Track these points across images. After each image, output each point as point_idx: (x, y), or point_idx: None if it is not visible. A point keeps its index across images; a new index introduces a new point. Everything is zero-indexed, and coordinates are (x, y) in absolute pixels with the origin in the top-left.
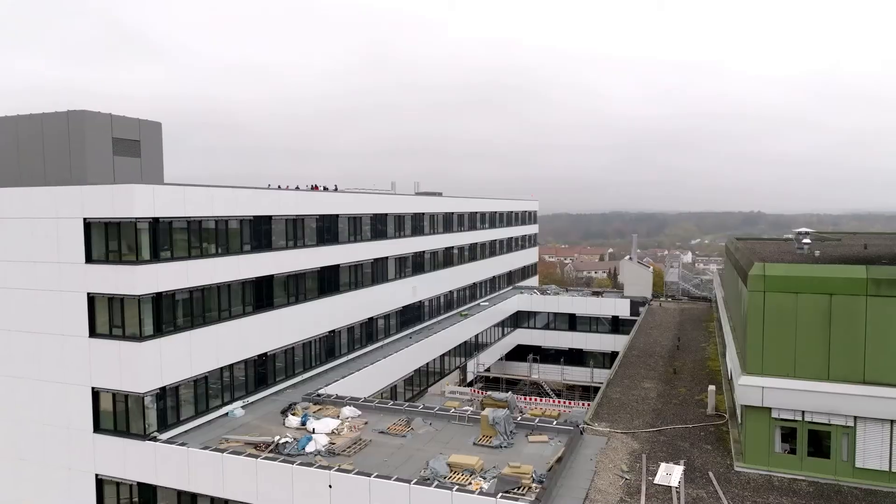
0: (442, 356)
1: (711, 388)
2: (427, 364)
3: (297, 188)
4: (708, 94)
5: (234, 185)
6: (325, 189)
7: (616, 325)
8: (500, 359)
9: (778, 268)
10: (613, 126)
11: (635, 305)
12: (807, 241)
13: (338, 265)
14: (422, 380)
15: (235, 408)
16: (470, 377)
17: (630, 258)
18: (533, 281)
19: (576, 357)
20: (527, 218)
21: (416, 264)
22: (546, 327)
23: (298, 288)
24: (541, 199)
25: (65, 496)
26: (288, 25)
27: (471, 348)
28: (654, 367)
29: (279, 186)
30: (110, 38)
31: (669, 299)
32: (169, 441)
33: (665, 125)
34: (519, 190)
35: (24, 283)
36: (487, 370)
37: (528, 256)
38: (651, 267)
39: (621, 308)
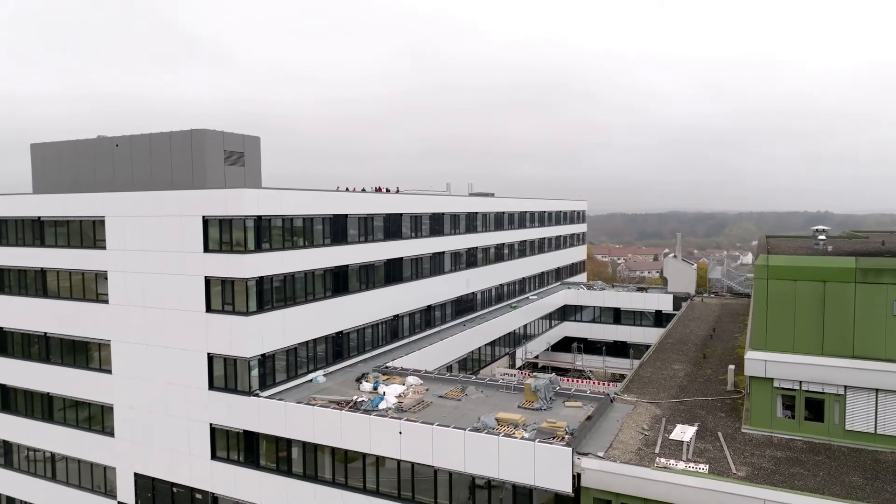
0: (492, 343)
1: (731, 366)
2: (479, 349)
3: (364, 190)
4: (766, 91)
5: (317, 189)
6: (388, 191)
7: (659, 319)
8: (547, 349)
9: (780, 259)
10: (665, 125)
11: (678, 300)
12: (822, 237)
13: (401, 258)
14: (474, 363)
15: (318, 375)
16: (518, 363)
17: (674, 255)
18: (581, 278)
19: (620, 349)
20: (575, 217)
21: (470, 259)
22: (592, 321)
23: (368, 277)
24: (593, 199)
25: (185, 441)
26: (326, 29)
27: (519, 337)
28: (686, 352)
29: (346, 189)
30: (159, 43)
31: (712, 295)
32: (269, 398)
33: (720, 124)
34: (568, 190)
35: (155, 269)
36: (535, 357)
37: (577, 254)
38: (695, 264)
39: (664, 303)
